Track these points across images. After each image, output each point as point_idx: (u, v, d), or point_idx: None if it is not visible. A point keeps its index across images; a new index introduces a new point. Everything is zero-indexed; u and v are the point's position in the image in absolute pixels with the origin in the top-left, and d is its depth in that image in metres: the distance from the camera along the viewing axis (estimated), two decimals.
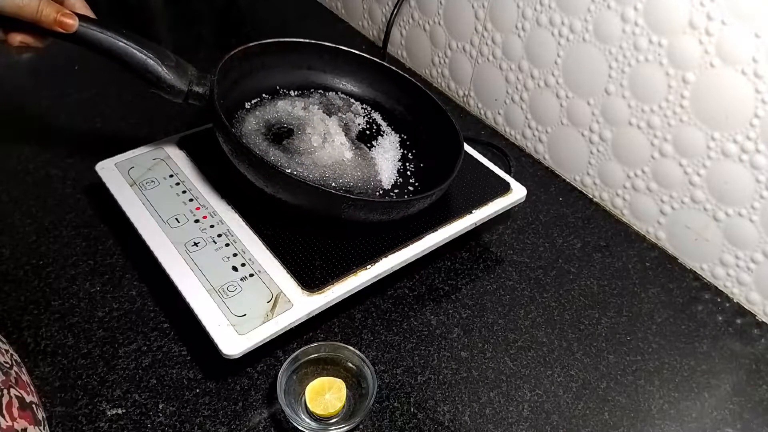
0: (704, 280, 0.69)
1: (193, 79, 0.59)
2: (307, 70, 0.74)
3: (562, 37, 0.72)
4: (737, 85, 0.59)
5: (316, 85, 0.74)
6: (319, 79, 0.74)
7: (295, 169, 0.62)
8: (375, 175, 0.65)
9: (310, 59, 0.73)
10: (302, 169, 0.62)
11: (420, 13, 0.92)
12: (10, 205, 0.69)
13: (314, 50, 0.73)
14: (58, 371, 0.54)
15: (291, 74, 0.73)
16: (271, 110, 0.68)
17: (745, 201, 0.62)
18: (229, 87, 0.65)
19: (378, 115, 0.73)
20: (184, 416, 0.52)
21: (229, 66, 0.64)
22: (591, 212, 0.76)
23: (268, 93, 0.71)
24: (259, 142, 0.63)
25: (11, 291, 0.60)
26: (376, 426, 0.53)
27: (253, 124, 0.66)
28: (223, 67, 0.62)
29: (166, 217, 0.60)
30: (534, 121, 0.81)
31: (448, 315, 0.62)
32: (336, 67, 0.74)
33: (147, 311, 0.59)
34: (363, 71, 0.74)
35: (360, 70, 0.74)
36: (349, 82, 0.75)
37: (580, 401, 0.56)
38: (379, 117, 0.73)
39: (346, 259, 0.58)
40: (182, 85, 0.58)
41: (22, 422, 0.42)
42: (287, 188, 0.56)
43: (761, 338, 0.64)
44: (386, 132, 0.71)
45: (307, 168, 0.62)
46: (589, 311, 0.64)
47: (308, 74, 0.74)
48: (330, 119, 0.68)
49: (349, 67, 0.74)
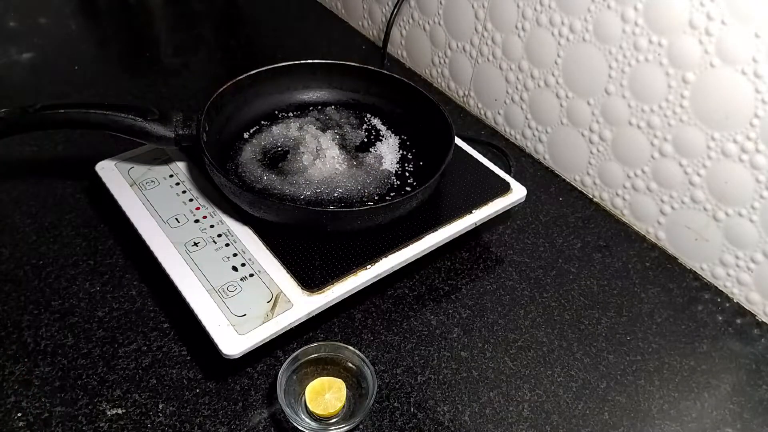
0: (704, 280, 0.69)
1: (178, 124, 0.62)
2: (303, 89, 0.75)
3: (562, 37, 0.72)
4: (737, 85, 0.59)
5: (314, 102, 0.75)
6: (315, 96, 0.75)
7: (285, 189, 0.63)
8: (371, 181, 0.65)
9: (303, 79, 0.74)
10: (294, 189, 0.63)
11: (420, 13, 0.92)
12: (10, 205, 0.69)
13: (307, 69, 0.73)
14: (58, 371, 0.54)
15: (287, 96, 0.74)
16: (268, 136, 0.69)
17: (745, 201, 0.62)
18: (225, 121, 0.68)
19: (378, 120, 0.73)
20: (184, 416, 0.52)
21: (220, 102, 0.66)
22: (591, 212, 0.76)
23: (267, 119, 0.72)
24: (254, 169, 0.65)
25: (11, 291, 0.60)
26: (376, 426, 0.53)
27: (249, 152, 0.67)
28: (214, 104, 0.65)
29: (166, 217, 0.60)
30: (534, 121, 0.81)
31: (448, 315, 0.62)
32: (331, 82, 0.75)
33: (147, 311, 0.59)
34: (358, 80, 0.74)
35: (355, 79, 0.74)
36: (346, 93, 0.75)
37: (580, 401, 0.56)
38: (378, 122, 0.73)
39: (346, 259, 0.58)
40: (169, 132, 0.61)
41: None
42: (269, 211, 0.57)
43: (761, 338, 0.64)
44: (386, 136, 0.71)
45: (299, 187, 0.63)
46: (589, 311, 0.64)
47: (304, 93, 0.75)
48: (324, 135, 0.69)
49: (344, 78, 0.75)
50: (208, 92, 0.64)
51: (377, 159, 0.68)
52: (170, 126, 0.61)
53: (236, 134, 0.69)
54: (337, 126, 0.72)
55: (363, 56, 1.01)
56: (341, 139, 0.70)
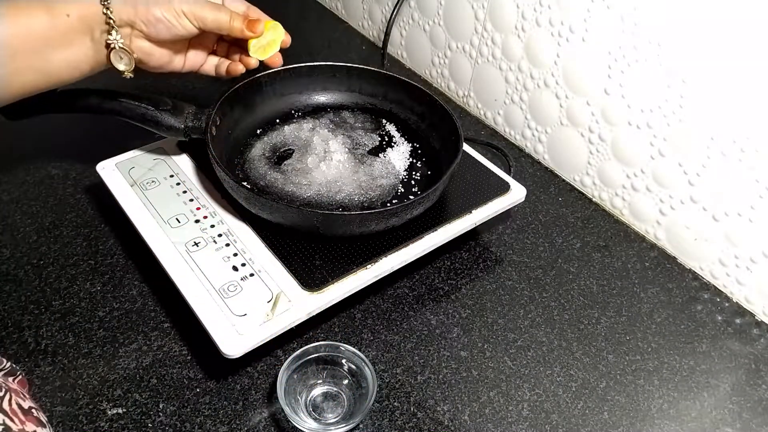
0: (703, 280, 0.69)
1: (189, 116, 0.62)
2: (322, 91, 0.75)
3: (562, 38, 0.73)
4: (736, 85, 0.59)
5: (331, 104, 0.75)
6: (333, 99, 0.76)
7: (286, 189, 0.63)
8: (375, 188, 0.65)
9: (323, 81, 0.74)
10: (294, 189, 0.63)
11: (420, 14, 0.92)
12: (10, 205, 0.69)
13: (327, 71, 0.74)
14: (59, 371, 0.54)
15: (305, 97, 0.75)
16: (279, 134, 0.70)
17: (744, 201, 0.62)
18: (239, 117, 0.69)
19: (392, 126, 0.73)
20: (185, 416, 0.52)
21: (234, 97, 0.67)
22: (590, 212, 0.77)
23: (282, 118, 0.73)
24: (260, 166, 0.66)
25: (12, 291, 0.60)
26: (376, 426, 0.53)
27: (259, 149, 0.68)
28: (228, 99, 0.65)
29: (167, 217, 0.60)
30: (533, 121, 0.81)
31: (448, 315, 0.62)
32: (351, 85, 0.75)
33: (147, 311, 0.59)
34: (377, 85, 0.74)
35: (374, 84, 0.74)
36: (364, 97, 0.76)
37: (580, 401, 0.56)
38: (393, 128, 0.73)
39: (346, 259, 0.58)
40: (179, 123, 0.62)
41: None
42: (264, 209, 0.57)
43: (760, 338, 0.64)
44: (398, 143, 0.71)
45: (300, 187, 0.63)
46: (588, 311, 0.64)
47: (322, 95, 0.75)
48: (334, 138, 0.69)
49: (363, 83, 0.75)
50: (210, 90, 0.64)
51: (385, 165, 0.68)
52: (181, 117, 0.62)
53: (249, 130, 0.70)
54: (351, 130, 0.72)
55: (363, 57, 1.01)
56: (352, 143, 0.70)
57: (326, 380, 0.54)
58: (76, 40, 0.52)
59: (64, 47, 0.51)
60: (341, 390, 0.54)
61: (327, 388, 0.54)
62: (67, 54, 0.51)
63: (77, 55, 0.52)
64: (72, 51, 0.52)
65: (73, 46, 0.52)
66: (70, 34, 0.51)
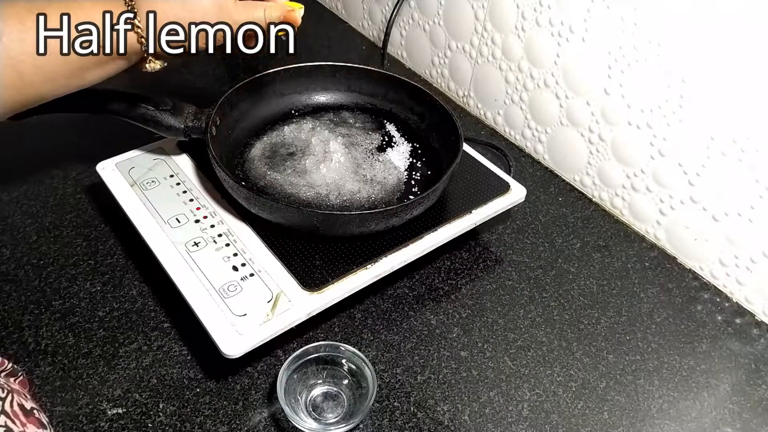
0: (703, 280, 0.69)
1: (189, 116, 0.62)
2: (322, 91, 0.75)
3: (562, 38, 0.73)
4: (736, 85, 0.59)
5: (331, 105, 0.75)
6: (333, 99, 0.75)
7: (286, 189, 0.63)
8: (375, 188, 0.65)
9: (323, 81, 0.74)
10: (294, 189, 0.63)
11: (420, 14, 0.92)
12: (10, 205, 0.69)
13: (327, 71, 0.74)
14: (59, 371, 0.54)
15: (305, 97, 0.75)
16: (279, 135, 0.70)
17: (744, 201, 0.62)
18: (239, 117, 0.68)
19: (393, 127, 0.73)
20: (185, 416, 0.52)
21: (235, 98, 0.67)
22: (590, 212, 0.77)
23: (282, 118, 0.73)
24: (259, 167, 0.66)
25: (11, 291, 0.60)
26: (376, 425, 0.53)
27: (259, 149, 0.68)
28: (228, 99, 0.65)
29: (167, 217, 0.60)
30: (533, 121, 0.81)
31: (448, 315, 0.62)
32: (351, 85, 0.75)
33: (147, 311, 0.59)
34: (378, 85, 0.74)
35: (375, 84, 0.74)
36: (364, 97, 0.75)
37: (580, 401, 0.56)
38: (393, 128, 0.73)
39: (346, 259, 0.58)
40: (179, 123, 0.62)
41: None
42: (264, 209, 0.57)
43: (760, 338, 0.64)
44: (398, 143, 0.71)
45: (299, 188, 0.63)
46: (588, 311, 0.64)
47: (323, 95, 0.75)
48: (334, 138, 0.69)
49: (363, 83, 0.75)
50: (210, 90, 0.64)
51: (385, 166, 0.67)
52: (181, 117, 0.62)
53: (250, 131, 0.70)
54: (351, 130, 0.72)
55: (363, 56, 1.01)
56: (351, 143, 0.70)
57: (326, 380, 0.54)
58: (114, 63, 0.51)
59: (101, 67, 0.51)
60: (341, 390, 0.54)
61: (327, 388, 0.54)
62: (101, 72, 0.51)
63: (113, 70, 0.52)
64: (108, 68, 0.51)
65: (110, 65, 0.51)
66: (109, 62, 0.51)
